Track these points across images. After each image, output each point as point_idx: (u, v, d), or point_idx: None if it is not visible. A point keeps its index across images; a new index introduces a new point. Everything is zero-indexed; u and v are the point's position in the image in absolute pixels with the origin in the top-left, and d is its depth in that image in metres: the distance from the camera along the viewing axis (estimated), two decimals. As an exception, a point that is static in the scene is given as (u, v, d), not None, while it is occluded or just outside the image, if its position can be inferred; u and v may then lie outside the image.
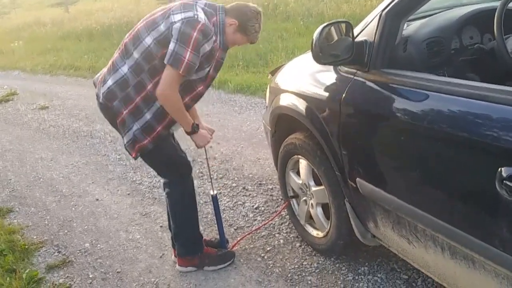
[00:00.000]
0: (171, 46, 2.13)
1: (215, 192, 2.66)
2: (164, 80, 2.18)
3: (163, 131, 2.36)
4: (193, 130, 2.38)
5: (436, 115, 1.61)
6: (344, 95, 2.01)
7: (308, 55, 2.16)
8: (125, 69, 2.29)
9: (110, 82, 2.32)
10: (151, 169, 2.72)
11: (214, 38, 2.24)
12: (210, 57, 2.28)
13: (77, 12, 19.62)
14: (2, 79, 9.88)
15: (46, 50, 12.57)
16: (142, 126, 2.33)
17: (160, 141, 2.39)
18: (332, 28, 1.99)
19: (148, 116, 2.32)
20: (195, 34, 2.12)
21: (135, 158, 2.42)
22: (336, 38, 2.00)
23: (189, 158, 2.60)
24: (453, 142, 1.53)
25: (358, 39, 1.95)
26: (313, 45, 1.93)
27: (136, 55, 2.25)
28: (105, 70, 2.42)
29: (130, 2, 18.93)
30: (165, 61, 2.15)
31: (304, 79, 2.45)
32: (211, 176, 2.83)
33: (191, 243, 2.65)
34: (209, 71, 2.34)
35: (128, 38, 2.31)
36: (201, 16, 2.18)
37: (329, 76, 2.21)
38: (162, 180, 2.63)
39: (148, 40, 2.21)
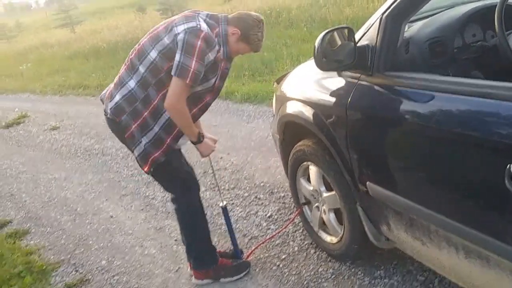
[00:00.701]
0: (177, 57, 2.16)
1: (225, 203, 2.67)
2: (172, 92, 2.21)
3: (172, 143, 2.39)
4: (198, 140, 2.42)
5: (442, 115, 1.61)
6: (349, 99, 2.02)
7: (312, 61, 2.17)
8: (132, 84, 2.32)
9: (117, 97, 2.35)
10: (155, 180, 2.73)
11: (217, 47, 2.26)
12: (215, 67, 2.31)
13: (83, 31, 19.86)
14: (13, 102, 10.00)
15: (54, 71, 12.72)
16: (152, 140, 2.35)
17: (170, 154, 2.41)
18: (335, 34, 2.01)
19: (156, 128, 2.34)
20: (199, 42, 2.15)
21: (148, 172, 2.43)
22: (339, 43, 2.01)
23: (200, 171, 2.62)
24: (461, 141, 1.53)
25: (360, 43, 1.96)
26: (315, 52, 1.95)
27: (142, 69, 2.28)
28: (112, 86, 2.45)
29: (134, 18, 19.12)
30: (172, 73, 2.17)
31: (309, 86, 2.46)
32: (219, 187, 2.84)
33: (204, 256, 2.66)
34: (215, 81, 2.37)
35: (134, 54, 2.35)
36: (204, 26, 2.22)
37: (333, 81, 2.22)
38: (170, 196, 2.65)
39: (153, 54, 2.24)
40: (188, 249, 2.66)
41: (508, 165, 1.30)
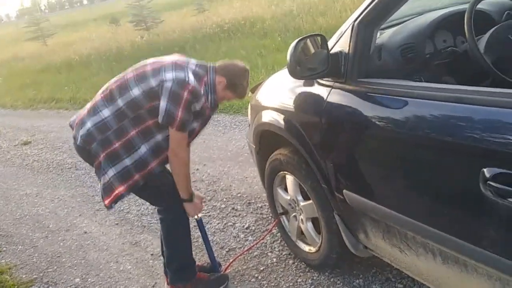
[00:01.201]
0: (163, 104, 2.19)
1: (200, 215, 2.61)
2: (172, 141, 2.28)
3: (140, 180, 2.34)
4: (190, 198, 2.44)
5: (415, 120, 1.60)
6: (323, 107, 2.01)
7: (286, 70, 2.16)
8: (106, 113, 2.28)
9: (89, 125, 2.30)
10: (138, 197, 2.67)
11: (203, 99, 2.31)
12: (200, 115, 2.35)
13: (55, 44, 19.61)
14: (-18, 117, 9.77)
15: (25, 84, 12.50)
16: (119, 172, 2.30)
17: (134, 190, 2.38)
18: (308, 42, 2.00)
19: (127, 162, 2.30)
20: (185, 94, 2.20)
21: (108, 208, 2.37)
22: (312, 51, 2.00)
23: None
24: (435, 146, 1.52)
25: (333, 51, 1.95)
26: (289, 60, 1.93)
27: (120, 103, 2.26)
28: (83, 112, 2.39)
29: (108, 31, 18.97)
30: (159, 120, 2.22)
31: (283, 94, 2.45)
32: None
33: (184, 270, 2.60)
34: (197, 127, 2.40)
35: (115, 85, 2.31)
36: (192, 78, 2.25)
37: (307, 89, 2.21)
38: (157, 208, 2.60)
39: (136, 92, 2.24)
40: (169, 261, 2.59)
41: (482, 169, 1.29)
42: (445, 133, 1.47)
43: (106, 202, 2.35)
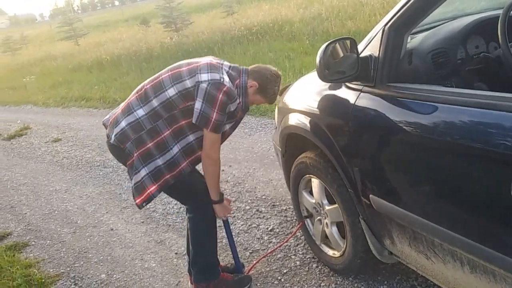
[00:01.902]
0: (198, 105, 2.23)
1: (227, 216, 2.63)
2: (206, 142, 2.32)
3: (170, 180, 2.38)
4: (220, 200, 2.48)
5: (445, 126, 1.58)
6: (352, 111, 2.00)
7: (315, 73, 2.15)
8: (140, 112, 2.32)
9: (123, 124, 2.34)
10: (165, 196, 2.71)
11: (238, 100, 2.34)
12: (233, 115, 2.39)
13: (87, 44, 19.97)
14: (15, 113, 10.04)
15: (57, 83, 12.78)
16: (151, 172, 2.34)
17: (165, 189, 2.41)
18: (337, 45, 2.00)
19: (160, 162, 2.34)
20: (220, 95, 2.23)
21: (139, 207, 2.40)
22: (341, 55, 2.00)
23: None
24: (465, 153, 1.50)
25: (363, 54, 1.95)
26: (318, 63, 1.94)
27: (155, 103, 2.30)
28: (117, 111, 2.44)
29: (138, 31, 19.24)
30: (193, 121, 2.25)
31: (311, 97, 2.45)
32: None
33: (209, 269, 2.62)
34: (228, 128, 2.45)
35: (150, 85, 2.36)
36: (226, 79, 2.28)
37: (336, 93, 2.20)
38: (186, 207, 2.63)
39: (171, 92, 2.27)
40: (194, 260, 2.61)
41: (514, 178, 1.27)
42: (476, 140, 1.45)
43: (138, 201, 2.38)
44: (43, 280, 3.10)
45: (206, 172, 2.39)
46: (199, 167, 2.45)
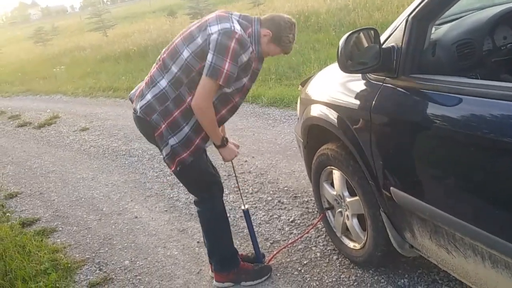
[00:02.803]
0: (209, 57, 2.16)
1: (246, 206, 2.65)
2: (199, 92, 2.22)
3: (201, 144, 2.38)
4: (222, 144, 2.42)
5: (470, 119, 1.56)
6: (374, 102, 1.98)
7: (337, 64, 2.14)
8: (163, 83, 2.32)
9: (149, 96, 2.35)
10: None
11: (251, 48, 2.25)
12: (248, 67, 2.30)
13: (115, 35, 20.21)
14: (45, 103, 10.25)
15: (86, 73, 12.98)
16: (181, 140, 2.34)
17: (198, 155, 2.41)
18: (362, 36, 1.97)
19: (186, 129, 2.34)
20: (232, 44, 2.15)
21: (174, 172, 2.42)
22: (365, 46, 1.98)
23: (224, 173, 2.61)
24: (489, 146, 1.47)
25: (386, 45, 1.92)
26: (339, 54, 1.92)
27: (174, 69, 2.28)
28: (142, 85, 2.45)
29: (165, 22, 19.36)
30: (204, 74, 2.18)
31: (333, 88, 2.43)
32: (241, 190, 2.83)
33: (226, 259, 2.65)
34: (245, 81, 2.36)
35: (166, 53, 2.35)
36: (237, 27, 2.21)
37: (358, 84, 2.18)
38: (194, 199, 2.65)
39: (186, 54, 2.24)
40: (210, 252, 2.66)
41: (538, 172, 1.24)
42: (501, 133, 1.43)
43: (172, 168, 2.41)
44: (69, 265, 3.18)
45: (203, 122, 2.30)
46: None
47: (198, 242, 3.20)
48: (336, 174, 2.54)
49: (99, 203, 4.24)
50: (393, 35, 1.92)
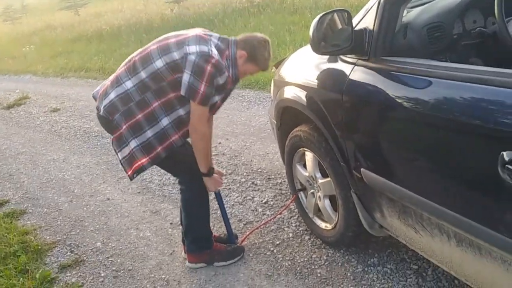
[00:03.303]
0: (186, 77, 2.21)
1: (218, 188, 2.65)
2: (192, 115, 2.29)
3: (162, 153, 2.38)
4: (208, 173, 2.46)
5: (438, 101, 1.58)
6: (345, 84, 1.99)
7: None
8: (129, 84, 2.31)
9: (112, 95, 2.34)
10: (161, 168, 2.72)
11: (227, 73, 2.31)
12: (222, 88, 2.35)
13: (87, 14, 19.75)
14: (15, 83, 9.99)
15: (57, 53, 12.68)
16: (142, 144, 2.34)
17: (159, 160, 2.40)
18: (336, 18, 1.97)
19: (149, 134, 2.34)
20: (209, 68, 2.20)
21: (131, 178, 2.41)
22: (339, 27, 1.98)
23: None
24: (456, 128, 1.50)
25: (358, 27, 1.93)
26: (311, 35, 1.92)
27: (143, 74, 2.28)
28: (107, 83, 2.43)
29: (138, 3, 18.97)
30: (182, 93, 2.24)
31: (306, 70, 2.43)
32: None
33: (201, 240, 2.66)
34: (218, 101, 2.40)
35: (138, 57, 2.34)
36: (215, 52, 2.26)
37: (330, 66, 2.19)
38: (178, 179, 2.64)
39: (159, 64, 2.25)
40: (186, 231, 2.65)
41: (502, 153, 1.28)
42: (467, 115, 1.45)
43: (129, 173, 2.40)
44: (40, 247, 3.14)
45: (194, 146, 2.38)
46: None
47: (171, 223, 3.20)
48: (309, 156, 2.56)
49: (71, 185, 4.18)
50: (366, 17, 1.93)
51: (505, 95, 1.36)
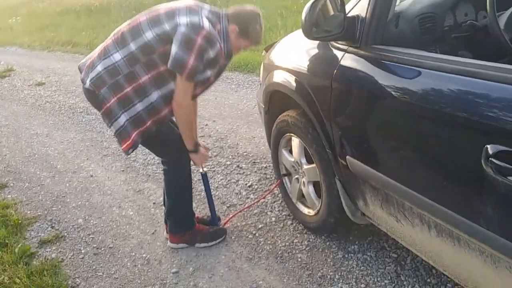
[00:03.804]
0: (174, 49, 2.13)
1: (205, 169, 2.64)
2: (177, 89, 2.24)
3: (152, 126, 2.33)
4: (195, 149, 2.44)
5: (426, 92, 1.58)
6: (335, 71, 1.98)
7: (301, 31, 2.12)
8: (117, 57, 2.25)
9: (99, 68, 2.27)
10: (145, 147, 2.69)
11: (219, 46, 2.23)
12: (214, 63, 2.28)
13: (76, -13, 19.39)
14: (0, 54, 9.81)
15: (44, 26, 12.47)
16: (132, 117, 2.29)
17: (147, 136, 2.35)
18: (329, 3, 1.95)
19: (139, 107, 2.28)
20: (199, 40, 2.13)
21: (125, 153, 2.37)
22: (331, 13, 1.96)
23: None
24: (442, 119, 1.51)
25: (350, 14, 1.92)
26: (303, 20, 1.90)
27: (133, 46, 2.22)
28: (94, 55, 2.36)
29: (129, -22, 18.66)
30: (169, 66, 2.16)
31: (297, 55, 2.42)
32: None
33: (184, 221, 2.66)
34: (211, 76, 2.34)
35: (127, 28, 2.27)
36: (206, 23, 2.18)
37: (321, 52, 2.18)
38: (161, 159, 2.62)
39: (149, 35, 2.19)
40: (169, 212, 2.64)
41: (486, 146, 1.28)
42: (453, 107, 1.46)
43: (124, 146, 2.35)
44: (20, 221, 3.12)
45: (179, 120, 2.34)
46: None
47: (154, 203, 3.19)
48: (295, 141, 2.56)
49: (53, 160, 4.14)
50: (359, 4, 1.91)
51: (491, 89, 1.36)
